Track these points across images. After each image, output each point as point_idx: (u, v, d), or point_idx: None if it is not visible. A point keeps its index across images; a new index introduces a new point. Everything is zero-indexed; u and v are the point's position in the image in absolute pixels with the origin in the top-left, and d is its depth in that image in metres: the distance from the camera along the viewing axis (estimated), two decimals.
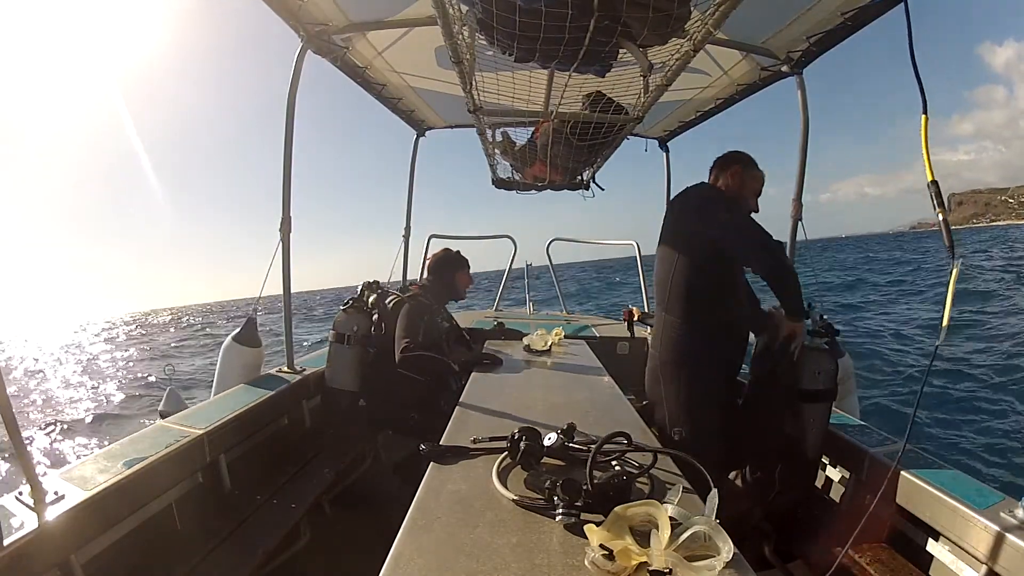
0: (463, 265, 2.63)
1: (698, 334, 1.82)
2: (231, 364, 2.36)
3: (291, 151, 2.40)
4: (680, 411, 1.82)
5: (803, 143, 2.50)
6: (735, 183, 1.89)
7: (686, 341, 1.83)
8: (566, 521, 0.85)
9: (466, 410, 1.53)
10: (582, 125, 1.96)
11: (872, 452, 1.70)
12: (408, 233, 4.00)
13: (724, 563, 0.71)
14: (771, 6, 2.00)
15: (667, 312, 1.88)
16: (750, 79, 2.57)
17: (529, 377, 2.06)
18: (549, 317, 4.35)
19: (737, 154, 1.95)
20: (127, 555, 1.43)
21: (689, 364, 1.83)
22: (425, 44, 2.42)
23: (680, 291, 1.84)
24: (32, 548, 1.13)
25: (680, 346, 1.84)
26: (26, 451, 1.15)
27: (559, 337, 2.68)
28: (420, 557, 0.77)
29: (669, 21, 1.17)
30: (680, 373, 1.84)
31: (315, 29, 2.20)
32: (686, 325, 1.83)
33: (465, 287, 2.65)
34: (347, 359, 2.35)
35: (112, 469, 1.43)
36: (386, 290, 2.51)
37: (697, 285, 1.82)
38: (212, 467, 1.81)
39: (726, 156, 1.95)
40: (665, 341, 1.87)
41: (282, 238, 2.40)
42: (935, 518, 1.44)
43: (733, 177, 1.90)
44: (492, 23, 1.17)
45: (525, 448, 1.06)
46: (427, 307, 2.38)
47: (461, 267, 2.62)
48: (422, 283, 2.60)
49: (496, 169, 2.92)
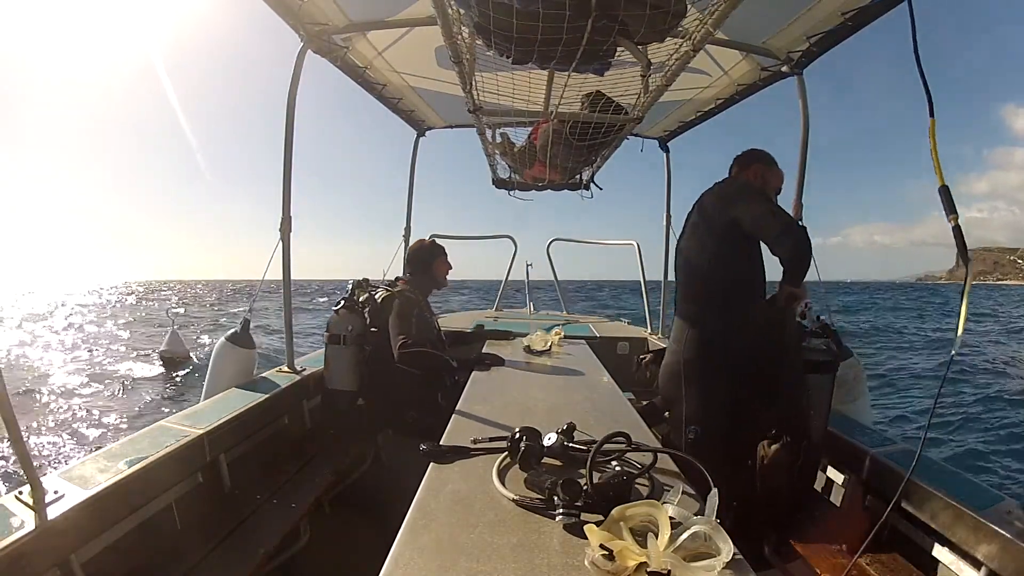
0: (439, 252, 2.64)
1: (721, 332, 1.81)
2: (224, 365, 2.34)
3: (291, 151, 2.40)
4: (699, 409, 1.80)
5: (803, 144, 2.50)
6: (757, 181, 1.88)
7: (709, 339, 1.81)
8: (566, 521, 0.85)
9: (466, 410, 1.53)
10: (582, 125, 1.96)
11: (873, 453, 1.70)
12: (408, 233, 4.00)
13: (724, 563, 0.71)
14: (771, 6, 2.00)
15: (691, 309, 1.87)
16: (750, 79, 2.57)
17: (529, 377, 2.05)
18: (549, 317, 4.35)
19: (758, 152, 1.94)
20: (127, 555, 1.43)
21: (713, 362, 1.82)
22: (425, 44, 2.42)
23: (705, 288, 1.84)
24: (32, 548, 1.12)
25: (703, 344, 1.82)
26: (26, 450, 1.14)
27: (559, 337, 2.68)
28: (420, 557, 0.77)
29: (667, 18, 1.16)
30: (703, 371, 1.82)
31: (315, 29, 2.20)
32: (710, 323, 1.82)
33: (444, 275, 2.65)
34: (344, 360, 2.34)
35: (112, 469, 1.43)
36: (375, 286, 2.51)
37: (722, 282, 1.81)
38: (212, 467, 1.81)
39: (747, 154, 1.95)
40: (689, 339, 1.85)
41: (282, 238, 2.40)
42: (935, 519, 1.44)
43: (755, 175, 1.89)
44: (488, 27, 1.17)
45: (525, 448, 1.06)
46: (415, 302, 2.39)
47: (437, 255, 2.63)
48: (406, 278, 2.61)
49: (496, 169, 2.92)
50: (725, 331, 1.81)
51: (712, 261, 1.82)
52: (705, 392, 1.81)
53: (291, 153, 2.40)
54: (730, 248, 1.79)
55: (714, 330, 1.82)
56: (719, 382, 1.81)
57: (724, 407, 1.81)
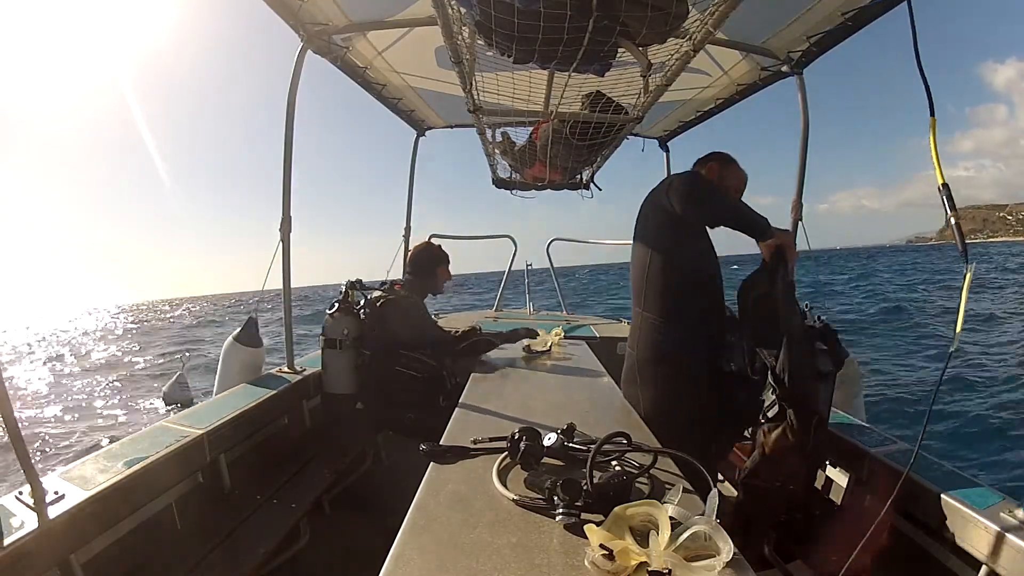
0: (444, 260, 2.61)
1: (677, 331, 1.75)
2: (232, 364, 2.36)
3: (291, 151, 2.40)
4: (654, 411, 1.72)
5: (803, 144, 2.50)
6: (712, 177, 1.83)
7: (665, 338, 1.76)
8: (566, 521, 0.85)
9: (466, 410, 1.53)
10: (582, 125, 1.96)
11: (873, 452, 1.70)
12: (408, 232, 4.00)
13: (724, 563, 0.71)
14: (771, 6, 2.00)
15: (644, 310, 1.81)
16: (750, 79, 2.57)
17: (529, 377, 2.05)
18: (549, 317, 4.35)
19: (715, 153, 1.89)
20: (127, 555, 1.43)
21: (667, 361, 1.76)
22: (425, 44, 2.42)
23: (657, 287, 1.78)
24: (32, 548, 1.13)
25: (659, 344, 1.77)
26: (26, 451, 1.14)
27: (559, 337, 2.68)
28: (420, 557, 0.77)
29: (668, 19, 1.17)
30: (657, 372, 1.77)
31: (315, 29, 2.20)
32: (664, 322, 1.76)
33: (444, 282, 2.63)
34: (341, 364, 2.32)
35: (112, 469, 1.43)
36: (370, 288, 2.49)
37: (674, 279, 1.76)
38: (212, 467, 1.81)
39: (705, 155, 1.92)
40: (643, 340, 1.80)
41: (282, 238, 2.40)
42: (935, 519, 1.44)
43: (710, 172, 1.84)
44: (490, 25, 1.17)
45: (525, 448, 1.06)
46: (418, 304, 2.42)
47: (442, 262, 2.60)
48: (404, 280, 2.58)
49: (496, 169, 2.93)
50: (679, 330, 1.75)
51: (656, 260, 1.77)
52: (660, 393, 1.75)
53: (291, 153, 2.40)
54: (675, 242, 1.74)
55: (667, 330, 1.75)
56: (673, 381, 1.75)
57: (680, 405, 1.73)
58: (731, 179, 1.85)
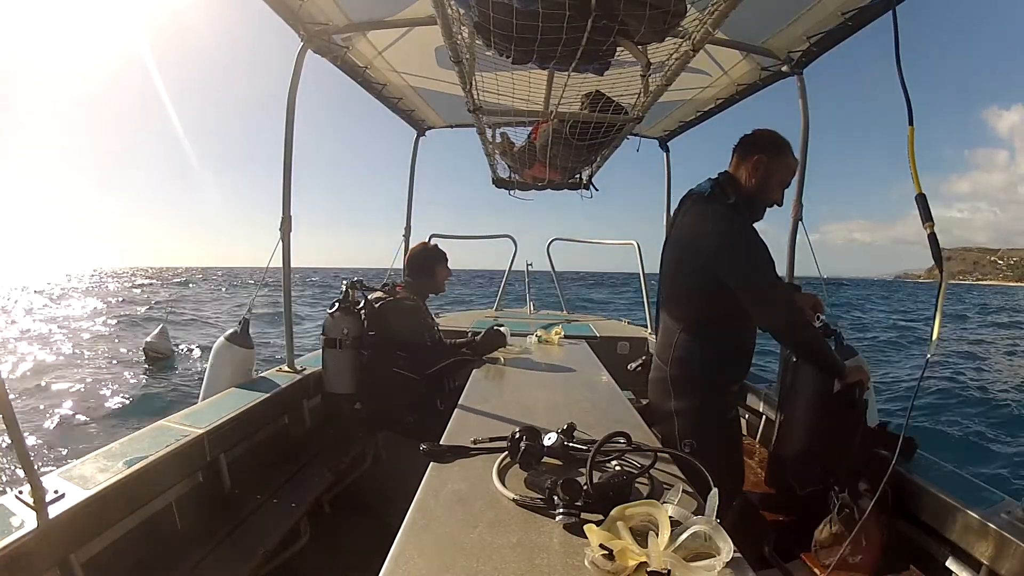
0: (442, 259, 2.62)
1: (711, 351, 1.66)
2: (223, 364, 2.34)
3: (291, 151, 2.40)
4: (690, 424, 1.66)
5: (803, 144, 2.50)
6: (758, 176, 1.61)
7: (697, 359, 1.66)
8: (566, 521, 0.85)
9: (466, 410, 1.53)
10: (581, 125, 1.96)
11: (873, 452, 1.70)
12: (408, 232, 4.00)
13: (724, 563, 0.71)
14: (771, 6, 2.00)
15: (676, 324, 1.70)
16: (750, 79, 2.57)
17: (529, 377, 2.05)
18: (549, 317, 4.35)
19: (763, 140, 1.63)
20: (127, 555, 1.43)
21: (701, 380, 1.68)
22: (425, 44, 2.42)
23: (690, 307, 1.68)
24: (32, 547, 1.12)
25: (691, 364, 1.67)
26: (26, 450, 1.14)
27: (559, 337, 2.68)
28: (420, 557, 0.76)
29: (666, 17, 1.16)
30: (692, 388, 1.68)
31: (315, 29, 2.20)
32: (697, 342, 1.66)
33: (444, 281, 2.64)
34: (341, 363, 2.34)
35: (112, 468, 1.43)
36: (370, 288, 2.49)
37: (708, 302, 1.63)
38: (212, 467, 1.81)
39: (750, 140, 1.64)
40: (675, 358, 1.69)
41: (282, 237, 2.40)
42: (935, 519, 1.44)
43: (755, 168, 1.61)
44: (488, 26, 1.16)
45: (525, 448, 1.06)
46: (419, 308, 2.42)
47: (440, 260, 2.61)
48: (404, 281, 2.59)
49: (496, 168, 2.92)
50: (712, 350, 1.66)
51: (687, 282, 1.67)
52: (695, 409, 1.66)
53: (291, 153, 2.40)
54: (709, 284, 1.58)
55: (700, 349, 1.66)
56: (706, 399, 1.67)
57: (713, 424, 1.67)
58: (779, 174, 1.63)
